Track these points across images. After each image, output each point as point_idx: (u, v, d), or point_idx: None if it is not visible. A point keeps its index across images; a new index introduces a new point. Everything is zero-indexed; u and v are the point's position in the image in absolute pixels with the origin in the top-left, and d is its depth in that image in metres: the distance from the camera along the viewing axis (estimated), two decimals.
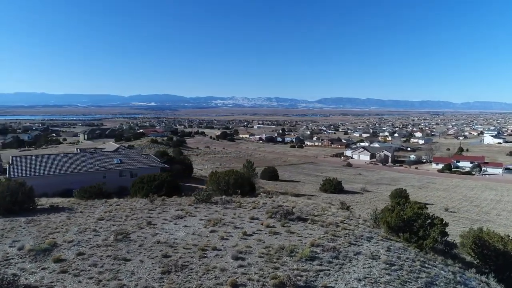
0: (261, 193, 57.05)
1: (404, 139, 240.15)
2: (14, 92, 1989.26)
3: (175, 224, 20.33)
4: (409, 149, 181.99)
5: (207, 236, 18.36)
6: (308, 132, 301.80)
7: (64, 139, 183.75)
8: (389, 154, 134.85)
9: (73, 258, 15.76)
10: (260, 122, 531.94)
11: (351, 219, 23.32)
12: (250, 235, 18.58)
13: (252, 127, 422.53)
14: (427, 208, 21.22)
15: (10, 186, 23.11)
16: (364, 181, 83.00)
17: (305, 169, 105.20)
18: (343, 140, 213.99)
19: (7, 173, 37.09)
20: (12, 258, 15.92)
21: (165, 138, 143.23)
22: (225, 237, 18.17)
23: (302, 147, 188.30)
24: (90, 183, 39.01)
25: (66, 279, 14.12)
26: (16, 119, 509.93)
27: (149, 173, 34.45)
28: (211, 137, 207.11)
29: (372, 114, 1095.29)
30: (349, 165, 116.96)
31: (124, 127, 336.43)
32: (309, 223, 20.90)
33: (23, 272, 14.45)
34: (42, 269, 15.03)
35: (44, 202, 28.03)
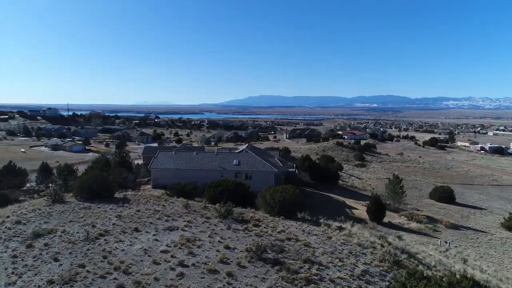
0: (404, 215, 47.42)
1: None
2: (259, 95, 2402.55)
3: (153, 235, 20.13)
4: None
5: (150, 256, 17.35)
6: None
7: (275, 137, 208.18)
8: None
9: (36, 247, 18.37)
10: (501, 128, 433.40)
11: (363, 278, 16.42)
12: (186, 266, 16.29)
13: (486, 133, 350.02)
14: None
15: (92, 177, 28.76)
16: None
17: None
18: None
19: (149, 165, 46.08)
20: (14, 236, 20.06)
21: (352, 141, 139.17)
22: (159, 262, 16.68)
23: None
24: (210, 180, 43.26)
25: (1, 263, 16.71)
26: (254, 118, 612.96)
27: (220, 179, 35.19)
28: (416, 142, 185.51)
29: None
30: None
31: (338, 127, 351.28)
32: (276, 269, 16.22)
33: None
34: (13, 250, 18.30)
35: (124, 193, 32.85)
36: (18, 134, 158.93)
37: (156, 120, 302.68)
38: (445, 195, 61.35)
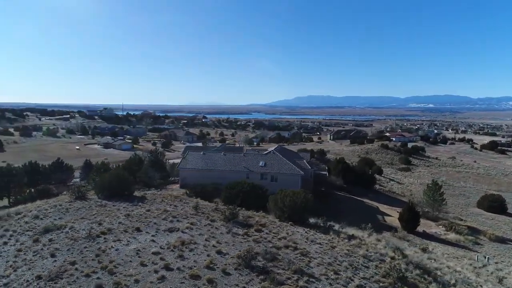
0: (441, 225, 43.84)
1: None
2: (307, 95, 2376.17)
3: (152, 236, 20.29)
4: None
5: (140, 257, 17.46)
6: None
7: (319, 138, 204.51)
8: None
9: (41, 242, 19.32)
10: None
11: None
12: (171, 270, 16.16)
13: None
14: None
15: (111, 176, 29.85)
16: None
17: None
18: None
19: (178, 164, 47.02)
20: (28, 230, 21.29)
21: (399, 144, 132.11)
22: (146, 263, 16.73)
23: None
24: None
25: (6, 256, 17.75)
26: (302, 118, 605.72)
27: (239, 180, 34.77)
28: (472, 146, 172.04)
29: None
30: None
31: (388, 128, 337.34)
32: (260, 278, 15.53)
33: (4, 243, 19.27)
34: (21, 244, 19.40)
35: (146, 192, 33.66)
36: (76, 133, 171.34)
37: (203, 120, 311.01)
38: (495, 204, 56.02)
